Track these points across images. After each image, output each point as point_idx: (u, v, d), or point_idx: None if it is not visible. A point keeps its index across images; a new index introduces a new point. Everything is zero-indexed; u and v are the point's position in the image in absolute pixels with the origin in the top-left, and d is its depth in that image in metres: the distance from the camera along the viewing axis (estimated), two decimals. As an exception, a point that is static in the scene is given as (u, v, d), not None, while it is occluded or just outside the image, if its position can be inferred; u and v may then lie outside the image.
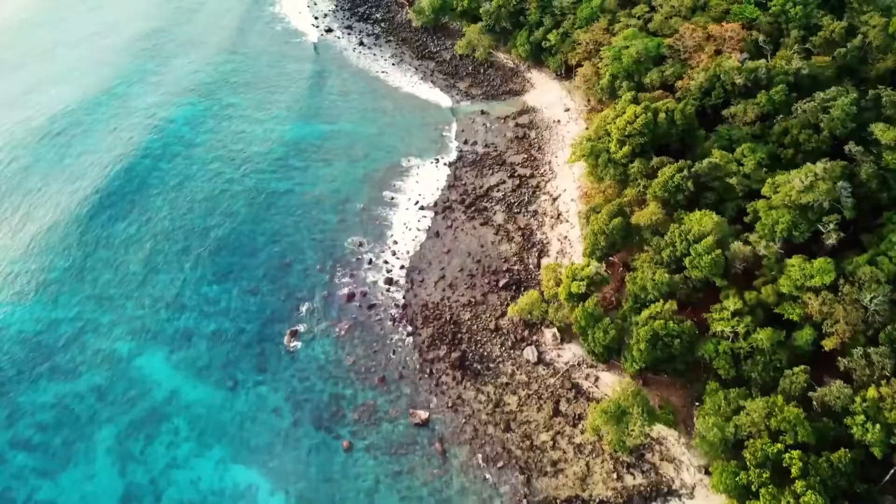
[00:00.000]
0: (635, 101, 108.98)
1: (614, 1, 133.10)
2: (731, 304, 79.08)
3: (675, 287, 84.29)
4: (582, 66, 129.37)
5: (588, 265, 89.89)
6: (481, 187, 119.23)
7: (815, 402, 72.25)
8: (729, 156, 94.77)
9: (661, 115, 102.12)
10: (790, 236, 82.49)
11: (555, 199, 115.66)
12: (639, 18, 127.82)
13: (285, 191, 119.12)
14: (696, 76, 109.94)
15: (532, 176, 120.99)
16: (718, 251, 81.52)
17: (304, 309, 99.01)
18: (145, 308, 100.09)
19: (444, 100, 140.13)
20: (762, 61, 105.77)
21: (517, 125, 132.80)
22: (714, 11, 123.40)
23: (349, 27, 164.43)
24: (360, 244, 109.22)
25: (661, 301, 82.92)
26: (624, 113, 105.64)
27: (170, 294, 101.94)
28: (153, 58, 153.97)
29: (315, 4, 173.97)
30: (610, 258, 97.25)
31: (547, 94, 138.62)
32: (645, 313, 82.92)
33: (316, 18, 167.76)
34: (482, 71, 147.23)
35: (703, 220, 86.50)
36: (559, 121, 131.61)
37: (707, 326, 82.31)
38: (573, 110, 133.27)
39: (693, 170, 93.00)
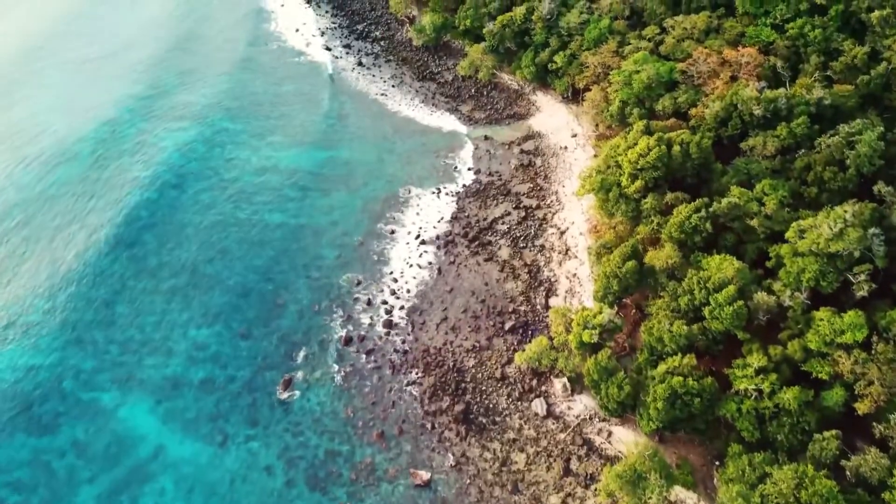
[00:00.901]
0: (647, 131, 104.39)
1: (623, 22, 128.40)
2: (755, 360, 74.30)
3: (694, 339, 79.53)
4: (590, 90, 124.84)
5: (600, 312, 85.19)
6: (485, 219, 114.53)
7: (848, 472, 67.36)
8: (749, 194, 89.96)
9: (676, 148, 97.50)
10: (817, 286, 77.57)
11: (562, 233, 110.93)
12: (649, 41, 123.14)
13: (279, 224, 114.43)
14: (711, 104, 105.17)
15: (538, 207, 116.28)
16: (741, 303, 76.72)
17: (298, 355, 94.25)
18: (130, 353, 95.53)
19: (446, 124, 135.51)
20: (782, 90, 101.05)
21: (522, 152, 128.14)
22: (728, 34, 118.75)
23: (347, 46, 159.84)
24: (358, 282, 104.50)
25: (679, 355, 78.07)
26: (636, 144, 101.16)
27: (156, 337, 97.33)
28: (143, 81, 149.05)
29: (312, 21, 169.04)
30: (622, 300, 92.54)
31: (553, 118, 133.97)
32: (662, 367, 78.20)
33: (313, 36, 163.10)
34: (485, 93, 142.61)
35: (723, 266, 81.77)
36: (566, 147, 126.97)
37: (728, 381, 77.55)
38: (581, 136, 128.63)
39: (711, 210, 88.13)
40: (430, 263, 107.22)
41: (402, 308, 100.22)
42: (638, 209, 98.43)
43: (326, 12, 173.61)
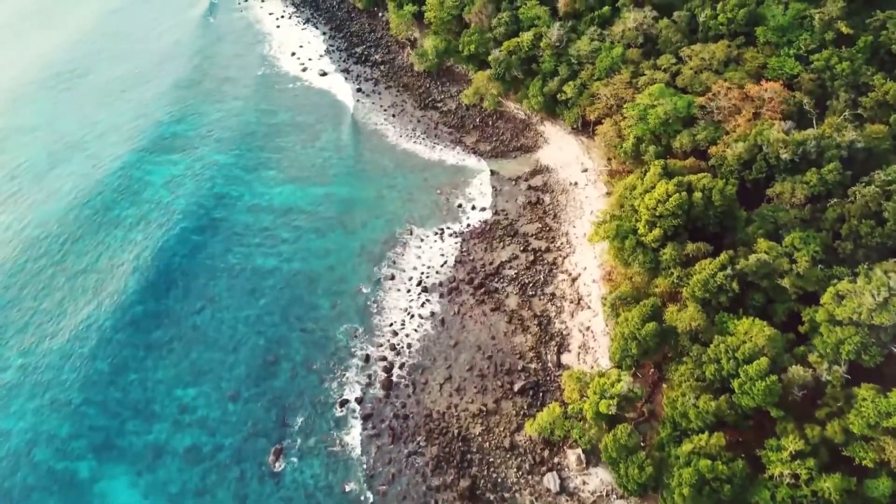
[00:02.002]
0: (665, 171, 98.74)
1: (637, 51, 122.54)
2: (791, 443, 68.26)
3: (722, 414, 73.44)
4: (601, 123, 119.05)
5: (619, 380, 79.24)
6: (491, 264, 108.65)
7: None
8: (777, 248, 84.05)
9: (697, 195, 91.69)
10: (858, 359, 71.57)
11: (574, 280, 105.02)
12: (665, 71, 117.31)
13: (272, 269, 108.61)
14: (733, 145, 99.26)
15: (548, 250, 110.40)
16: (774, 378, 70.73)
17: (290, 420, 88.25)
18: (110, 416, 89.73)
19: (449, 158, 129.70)
20: (811, 131, 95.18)
21: (530, 188, 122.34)
22: (749, 65, 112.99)
23: (346, 70, 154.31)
24: (356, 335, 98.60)
25: (706, 433, 72.03)
26: (653, 188, 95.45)
27: (139, 398, 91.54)
28: (128, 107, 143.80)
29: (309, 44, 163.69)
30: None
31: (562, 151, 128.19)
32: (687, 446, 72.22)
33: (309, 60, 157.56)
34: (490, 123, 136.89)
35: (753, 333, 75.82)
36: (576, 183, 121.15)
37: (759, 461, 71.51)
38: (591, 170, 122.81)
39: (738, 267, 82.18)
40: (432, 314, 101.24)
41: (402, 366, 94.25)
42: (656, 260, 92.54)
43: (324, 33, 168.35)
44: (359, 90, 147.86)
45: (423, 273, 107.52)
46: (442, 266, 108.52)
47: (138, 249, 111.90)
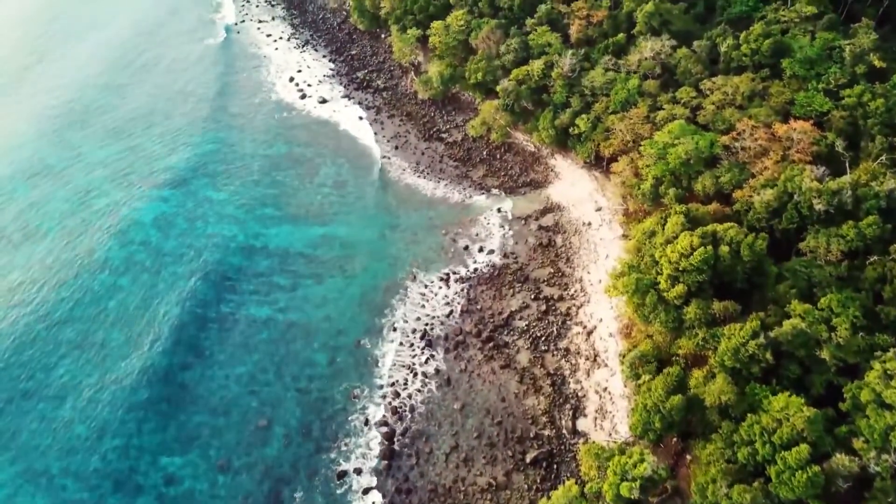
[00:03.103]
0: (687, 216, 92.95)
1: (655, 83, 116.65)
2: (837, 543, 62.04)
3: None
4: (617, 159, 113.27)
5: (642, 460, 73.11)
6: (500, 314, 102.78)
7: None
8: (814, 312, 78.01)
9: (724, 248, 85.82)
10: (910, 447, 65.52)
11: (589, 334, 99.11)
12: (685, 106, 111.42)
13: (266, 319, 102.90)
14: (761, 192, 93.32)
15: (561, 298, 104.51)
16: (816, 469, 64.80)
17: (283, 495, 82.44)
18: (90, 489, 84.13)
19: (455, 194, 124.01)
20: (846, 179, 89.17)
21: (540, 228, 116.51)
22: (775, 100, 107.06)
23: (346, 97, 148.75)
24: (354, 396, 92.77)
25: (741, 528, 65.95)
26: (676, 238, 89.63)
27: (121, 468, 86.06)
28: (116, 139, 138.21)
29: (308, 68, 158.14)
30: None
31: (574, 187, 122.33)
32: (719, 541, 65.97)
33: (308, 86, 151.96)
34: (498, 156, 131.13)
35: (790, 412, 69.72)
36: (590, 223, 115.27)
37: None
38: (606, 209, 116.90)
39: (771, 335, 76.14)
40: (437, 371, 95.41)
41: (405, 432, 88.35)
42: (679, 318, 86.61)
43: (324, 56, 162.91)
44: (360, 119, 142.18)
45: (427, 324, 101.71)
46: (448, 316, 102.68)
47: (123, 296, 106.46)
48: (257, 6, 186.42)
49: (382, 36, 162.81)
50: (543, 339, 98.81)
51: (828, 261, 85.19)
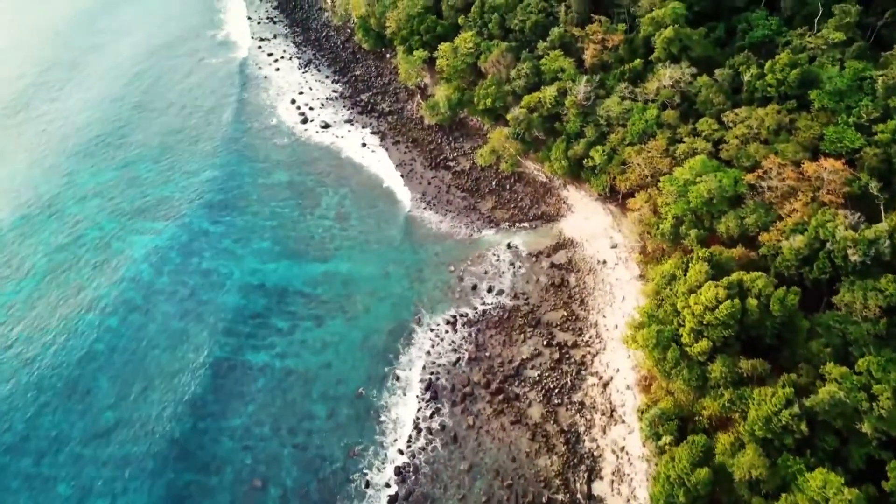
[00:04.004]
0: (709, 262, 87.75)
1: (674, 113, 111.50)
2: None
3: None
4: (633, 195, 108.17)
5: (665, 540, 67.74)
6: (511, 362, 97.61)
7: None
8: (852, 377, 72.58)
9: (752, 302, 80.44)
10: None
11: (605, 385, 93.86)
12: (706, 139, 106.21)
13: (262, 366, 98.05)
14: (791, 238, 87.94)
15: (575, 345, 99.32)
16: (863, 563, 59.16)
17: (278, 568, 77.36)
18: (71, 555, 78.81)
19: (463, 228, 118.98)
20: (883, 226, 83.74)
21: (553, 266, 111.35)
22: (803, 135, 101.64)
23: (349, 121, 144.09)
24: (354, 454, 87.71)
25: None
26: (699, 288, 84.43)
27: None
28: (109, 166, 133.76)
29: (311, 90, 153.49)
30: None
31: (588, 221, 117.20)
32: None
33: (310, 109, 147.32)
34: (508, 186, 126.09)
35: (829, 493, 64.26)
36: (605, 261, 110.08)
37: None
38: (622, 246, 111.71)
39: (806, 404, 70.80)
40: (443, 427, 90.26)
41: (409, 496, 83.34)
42: (703, 376, 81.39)
43: (327, 77, 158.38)
44: (363, 145, 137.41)
45: (432, 373, 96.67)
46: (455, 365, 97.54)
47: (109, 338, 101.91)
48: (259, 23, 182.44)
49: (388, 56, 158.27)
50: (556, 391, 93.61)
51: (864, 317, 79.72)
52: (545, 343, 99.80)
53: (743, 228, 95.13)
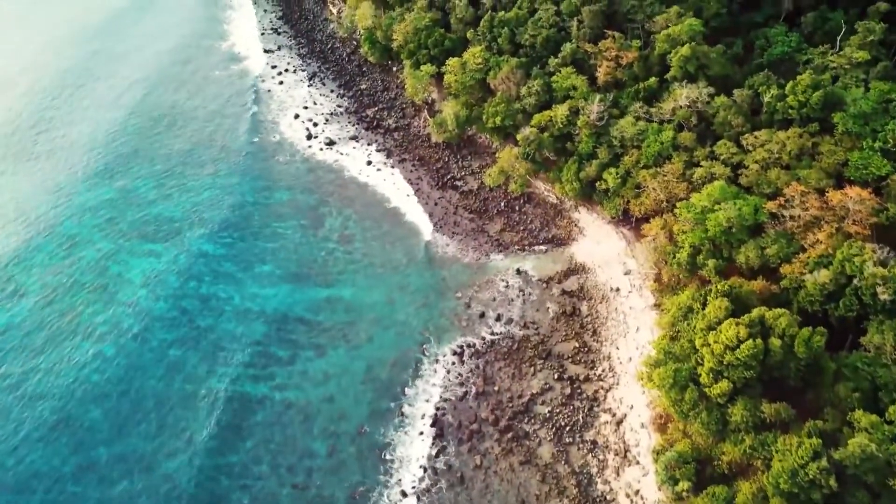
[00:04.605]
0: (730, 296, 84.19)
1: (691, 135, 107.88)
2: None
3: None
4: (648, 220, 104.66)
5: None
6: (520, 397, 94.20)
7: None
8: (883, 427, 69.03)
9: (775, 342, 76.97)
10: None
11: (619, 423, 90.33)
12: (725, 164, 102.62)
13: (261, 398, 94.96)
14: (815, 273, 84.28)
15: (587, 379, 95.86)
16: None
17: None
18: None
19: (470, 251, 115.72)
20: (914, 261, 79.97)
21: (564, 293, 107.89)
22: (826, 161, 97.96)
23: (355, 138, 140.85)
24: (356, 496, 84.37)
25: None
26: (718, 325, 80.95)
27: (94, 579, 77.38)
28: (105, 177, 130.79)
29: (315, 104, 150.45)
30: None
31: (600, 246, 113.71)
32: None
33: (315, 125, 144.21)
34: (517, 208, 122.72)
35: (860, 556, 60.54)
36: (618, 289, 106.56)
37: None
38: (636, 273, 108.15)
39: (835, 456, 67.13)
40: (449, 467, 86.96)
41: (413, 544, 79.75)
42: (723, 419, 77.88)
43: (332, 91, 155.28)
44: (369, 163, 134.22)
45: (438, 408, 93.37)
46: (461, 399, 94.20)
47: (106, 367, 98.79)
48: (263, 34, 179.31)
49: (394, 69, 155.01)
50: (568, 428, 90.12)
51: (895, 360, 75.94)
52: (556, 377, 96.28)
53: (764, 259, 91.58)
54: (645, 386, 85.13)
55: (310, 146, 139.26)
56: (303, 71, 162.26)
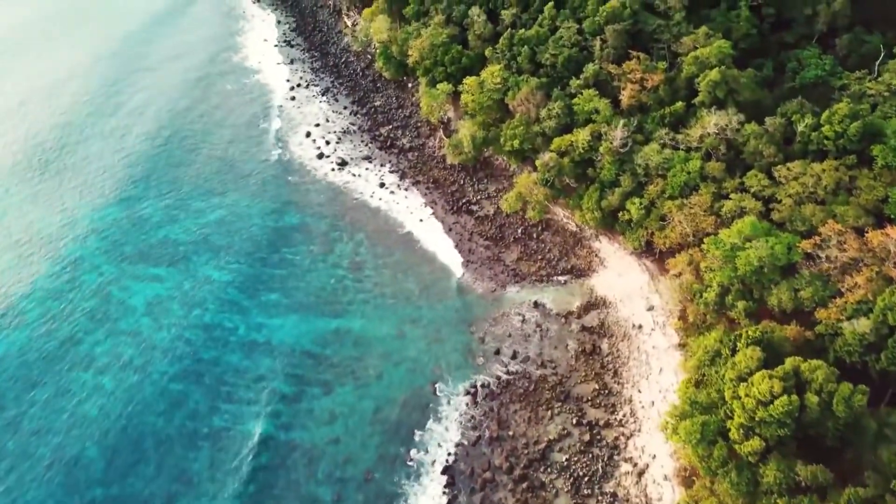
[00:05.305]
0: (761, 343, 79.49)
1: (719, 165, 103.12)
2: None
3: None
4: (673, 252, 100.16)
5: None
6: (536, 443, 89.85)
7: None
8: (932, 496, 63.92)
9: (812, 398, 72.24)
10: None
11: (640, 474, 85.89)
12: (756, 197, 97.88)
13: (264, 439, 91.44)
14: (855, 321, 79.29)
15: (607, 424, 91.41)
16: None
17: None
18: None
19: (485, 281, 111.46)
20: (962, 313, 74.87)
21: (583, 329, 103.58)
22: (865, 197, 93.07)
23: (368, 158, 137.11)
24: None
25: None
26: (750, 376, 76.29)
27: None
28: (111, 196, 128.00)
29: (327, 121, 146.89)
30: None
31: (622, 279, 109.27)
32: None
33: (326, 143, 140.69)
34: (535, 235, 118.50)
35: None
36: (640, 326, 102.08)
37: None
38: (659, 309, 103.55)
39: (879, 531, 62.33)
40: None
41: None
42: (754, 479, 73.11)
43: (345, 107, 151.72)
44: (382, 185, 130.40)
45: (449, 454, 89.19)
46: (474, 445, 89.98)
47: (105, 402, 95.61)
48: (276, 45, 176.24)
49: (409, 85, 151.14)
50: (586, 479, 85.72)
51: (942, 420, 71.02)
52: (574, 421, 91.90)
53: (797, 302, 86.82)
54: (669, 439, 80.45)
55: (321, 166, 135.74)
56: (315, 86, 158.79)
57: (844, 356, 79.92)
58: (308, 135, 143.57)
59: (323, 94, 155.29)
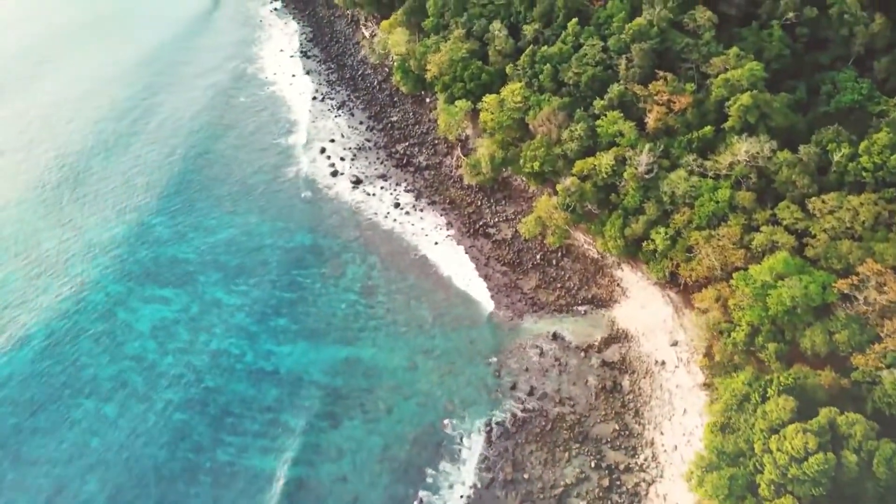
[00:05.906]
0: (793, 391, 75.37)
1: (750, 195, 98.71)
2: None
3: None
4: (701, 288, 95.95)
5: None
6: (553, 488, 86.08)
7: None
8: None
9: (850, 457, 68.06)
10: None
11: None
12: (789, 231, 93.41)
13: (269, 475, 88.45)
14: (894, 370, 74.82)
15: (628, 469, 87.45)
16: None
17: None
18: None
19: (502, 310, 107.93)
20: None
21: (604, 364, 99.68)
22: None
23: (383, 176, 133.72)
24: None
25: None
26: (782, 428, 72.26)
27: None
28: (119, 214, 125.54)
29: (343, 137, 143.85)
30: None
31: (645, 311, 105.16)
32: None
33: (341, 160, 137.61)
34: (554, 262, 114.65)
35: None
36: (664, 363, 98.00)
37: None
38: (684, 345, 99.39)
39: None
40: (472, 570, 78.90)
41: None
42: (787, 540, 68.81)
43: (361, 123, 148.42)
44: (396, 205, 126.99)
45: (462, 496, 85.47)
46: (488, 488, 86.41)
47: (106, 430, 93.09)
48: (291, 56, 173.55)
49: (427, 101, 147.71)
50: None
51: None
52: (593, 464, 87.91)
53: (832, 346, 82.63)
54: (694, 492, 76.36)
55: (335, 184, 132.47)
56: (331, 99, 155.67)
57: (884, 408, 75.74)
58: (322, 150, 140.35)
59: (339, 108, 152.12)
